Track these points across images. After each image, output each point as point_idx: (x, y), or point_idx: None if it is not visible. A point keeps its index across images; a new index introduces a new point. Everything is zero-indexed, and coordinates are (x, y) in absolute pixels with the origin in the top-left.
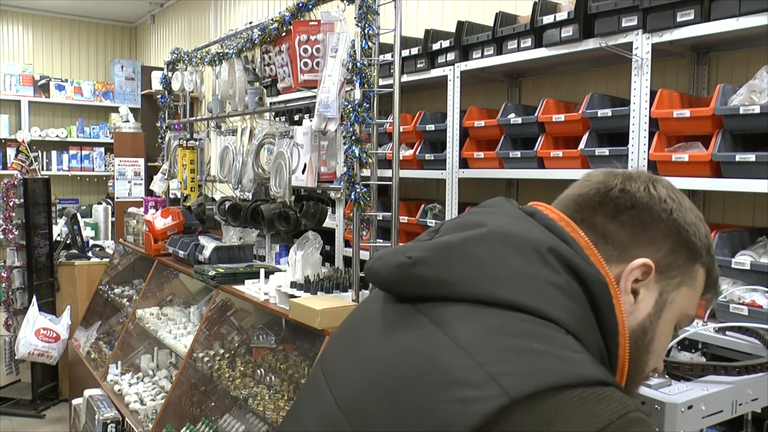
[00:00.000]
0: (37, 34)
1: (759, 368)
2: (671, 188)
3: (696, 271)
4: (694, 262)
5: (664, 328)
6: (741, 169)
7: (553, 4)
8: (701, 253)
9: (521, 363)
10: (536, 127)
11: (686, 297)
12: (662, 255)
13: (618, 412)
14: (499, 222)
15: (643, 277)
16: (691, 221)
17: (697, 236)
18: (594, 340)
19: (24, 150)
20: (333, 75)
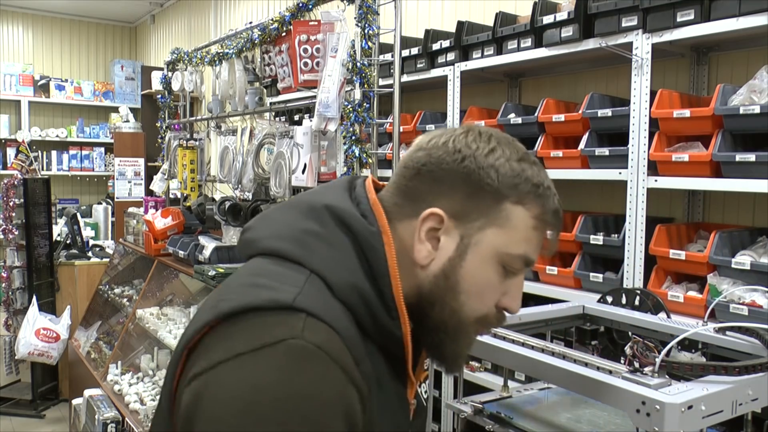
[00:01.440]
0: (37, 34)
1: (759, 368)
2: (479, 136)
3: (504, 210)
4: (497, 202)
5: (475, 270)
6: (741, 169)
7: (553, 4)
8: (503, 192)
9: (241, 293)
10: (536, 127)
11: (498, 237)
12: (457, 202)
13: (280, 336)
14: (310, 191)
15: (438, 225)
16: (487, 165)
17: (493, 177)
18: (347, 278)
19: (24, 150)
20: (333, 75)
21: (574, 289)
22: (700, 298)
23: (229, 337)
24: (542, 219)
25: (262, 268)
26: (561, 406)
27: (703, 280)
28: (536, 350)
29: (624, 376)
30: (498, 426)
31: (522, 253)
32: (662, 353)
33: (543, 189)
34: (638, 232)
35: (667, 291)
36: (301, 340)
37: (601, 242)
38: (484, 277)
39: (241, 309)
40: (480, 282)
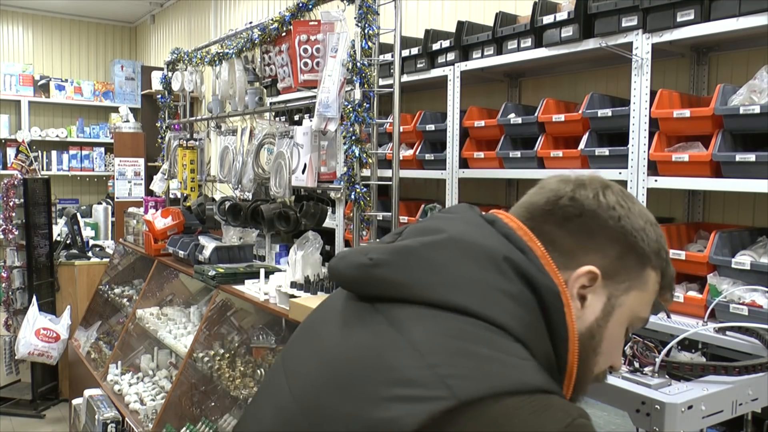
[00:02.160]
0: (37, 34)
1: (759, 368)
2: (622, 194)
3: (646, 275)
4: (643, 266)
5: (614, 331)
6: (741, 169)
7: (553, 4)
8: (650, 257)
9: (470, 367)
10: (536, 127)
11: (637, 300)
12: (609, 261)
13: (564, 421)
14: (458, 229)
15: (590, 283)
16: (639, 227)
17: (645, 242)
18: (542, 347)
19: (24, 150)
20: (333, 75)
21: None
22: (700, 298)
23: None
24: (663, 285)
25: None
26: None
27: (703, 280)
28: None
29: (624, 376)
30: None
31: (645, 317)
32: (662, 353)
33: (667, 255)
34: None
35: None
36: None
37: None
38: (619, 338)
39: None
40: (615, 343)
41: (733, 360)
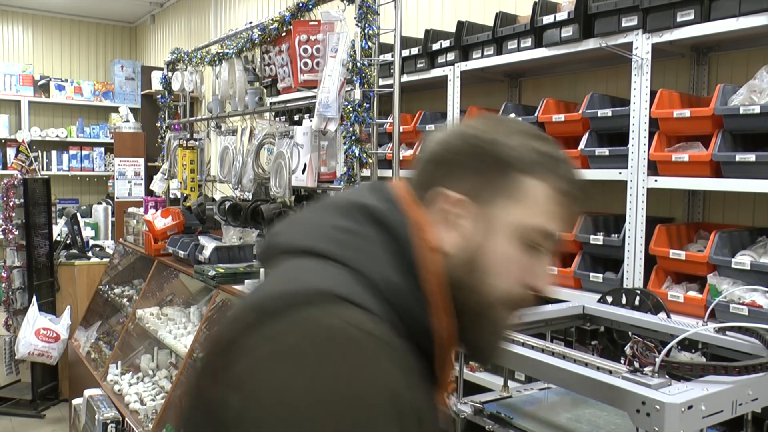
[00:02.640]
0: (37, 34)
1: (759, 368)
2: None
3: (519, 184)
4: (508, 174)
5: (501, 249)
6: (741, 169)
7: (553, 4)
8: (515, 163)
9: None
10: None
11: (517, 212)
12: (474, 182)
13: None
14: (345, 193)
15: (457, 208)
16: (498, 139)
17: (508, 149)
18: (381, 272)
19: (24, 150)
20: (333, 75)
21: (574, 289)
22: (700, 298)
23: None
24: (561, 191)
25: (295, 266)
26: (561, 406)
27: (703, 280)
28: (536, 350)
29: (624, 376)
30: (498, 426)
31: (542, 226)
32: (662, 353)
33: (555, 160)
34: (638, 232)
35: (667, 291)
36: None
37: (601, 242)
38: (507, 254)
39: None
40: (503, 260)
41: (733, 360)
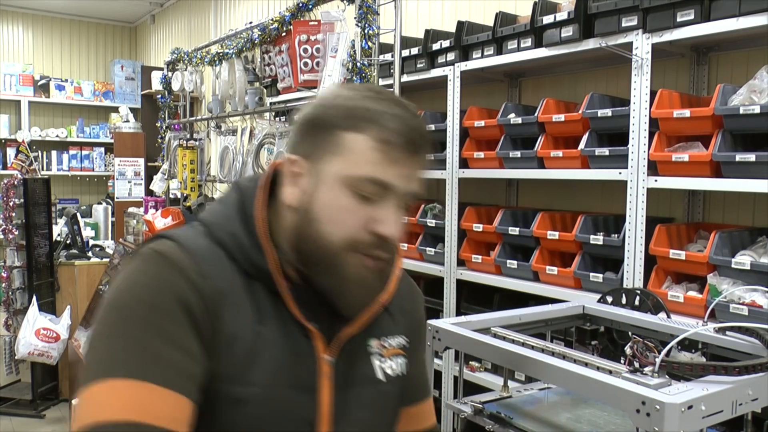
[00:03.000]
0: (37, 34)
1: (759, 368)
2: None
3: (339, 138)
4: (332, 132)
5: (325, 199)
6: (741, 169)
7: (553, 4)
8: (335, 123)
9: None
10: (536, 127)
11: (341, 164)
12: (306, 144)
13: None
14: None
15: (294, 167)
16: (323, 104)
17: (331, 110)
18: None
19: (24, 150)
20: (333, 75)
21: (574, 289)
22: (700, 298)
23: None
24: (383, 140)
25: None
26: (561, 406)
27: (703, 280)
28: (536, 350)
29: (624, 376)
30: (498, 426)
31: (367, 175)
32: (662, 353)
33: (378, 113)
34: (638, 232)
35: (667, 291)
36: (151, 250)
37: (601, 242)
38: (336, 203)
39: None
40: (333, 208)
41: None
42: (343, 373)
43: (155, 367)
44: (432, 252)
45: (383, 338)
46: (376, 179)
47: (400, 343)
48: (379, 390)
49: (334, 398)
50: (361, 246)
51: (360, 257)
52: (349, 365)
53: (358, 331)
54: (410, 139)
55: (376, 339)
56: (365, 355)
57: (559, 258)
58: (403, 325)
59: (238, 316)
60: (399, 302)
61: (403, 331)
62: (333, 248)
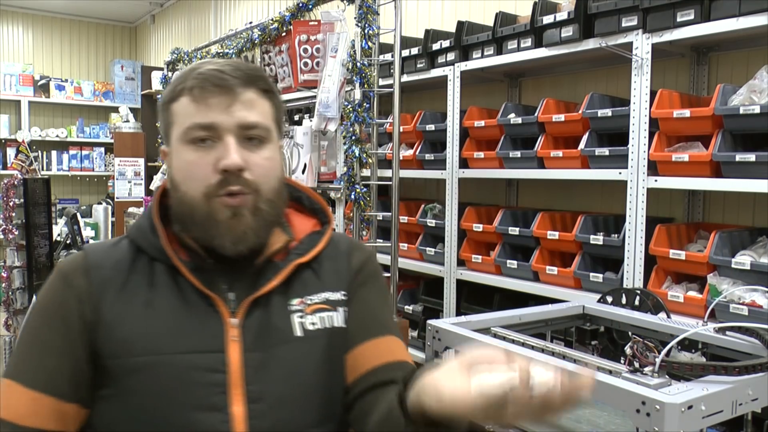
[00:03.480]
0: (37, 34)
1: (759, 368)
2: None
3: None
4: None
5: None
6: (741, 169)
7: (553, 4)
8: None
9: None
10: (536, 127)
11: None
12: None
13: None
14: None
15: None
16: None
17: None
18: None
19: (24, 150)
20: (333, 75)
21: (574, 289)
22: (700, 298)
23: None
24: (193, 92)
25: None
26: None
27: (703, 280)
28: (536, 350)
29: (624, 376)
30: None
31: (191, 123)
32: (662, 353)
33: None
34: (638, 232)
35: (667, 291)
36: (56, 266)
37: (601, 242)
38: (183, 160)
39: None
40: (183, 167)
41: (733, 360)
42: (255, 334)
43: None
44: (432, 252)
45: (306, 297)
46: (198, 123)
47: (328, 297)
48: (297, 346)
49: (243, 359)
50: (216, 189)
51: (220, 200)
52: (263, 326)
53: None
54: (216, 78)
55: (298, 298)
56: (285, 314)
57: (559, 258)
58: (335, 278)
59: (124, 296)
60: (332, 263)
61: (336, 283)
62: (196, 202)
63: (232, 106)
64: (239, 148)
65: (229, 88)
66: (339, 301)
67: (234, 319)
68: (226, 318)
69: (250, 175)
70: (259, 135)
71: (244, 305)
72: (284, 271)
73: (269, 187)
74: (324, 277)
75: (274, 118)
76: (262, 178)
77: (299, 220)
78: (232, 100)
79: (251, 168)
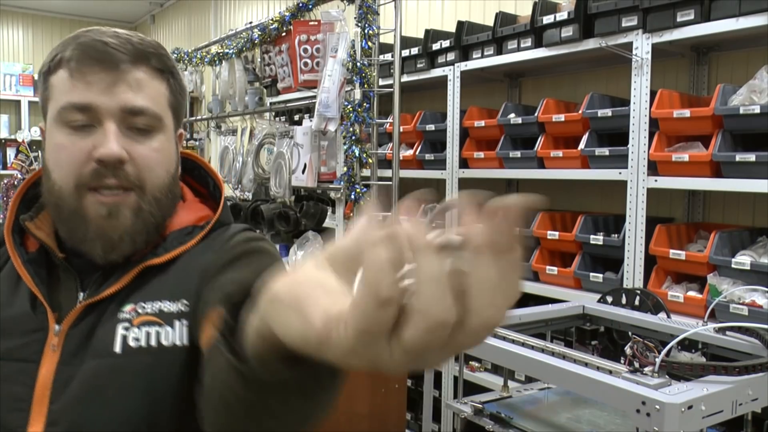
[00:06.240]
0: (37, 34)
1: (759, 368)
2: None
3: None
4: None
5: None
6: (741, 169)
7: (553, 4)
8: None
9: None
10: (536, 127)
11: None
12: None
13: None
14: None
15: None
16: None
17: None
18: None
19: (24, 150)
20: (333, 75)
21: (574, 289)
22: (700, 298)
23: None
24: (71, 66)
25: None
26: (561, 406)
27: (703, 280)
28: (536, 350)
29: (624, 376)
30: (498, 426)
31: (66, 102)
32: (662, 353)
33: (66, 45)
34: (638, 232)
35: (667, 291)
36: None
37: (601, 242)
38: (55, 144)
39: None
40: (55, 152)
41: (733, 360)
42: (77, 344)
43: None
44: None
45: (141, 303)
46: (74, 103)
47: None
48: (108, 363)
49: (55, 372)
50: (89, 180)
51: (94, 195)
52: (87, 335)
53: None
54: (97, 51)
55: (132, 304)
56: (112, 324)
57: (559, 258)
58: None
59: None
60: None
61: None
62: (64, 193)
63: (116, 86)
64: (120, 136)
65: (114, 63)
66: (176, 314)
67: (58, 326)
68: (51, 324)
69: (133, 168)
70: (147, 123)
71: (76, 311)
72: (128, 275)
73: (156, 184)
74: (173, 281)
75: (170, 103)
76: (147, 173)
77: (187, 210)
78: (115, 79)
79: (134, 159)
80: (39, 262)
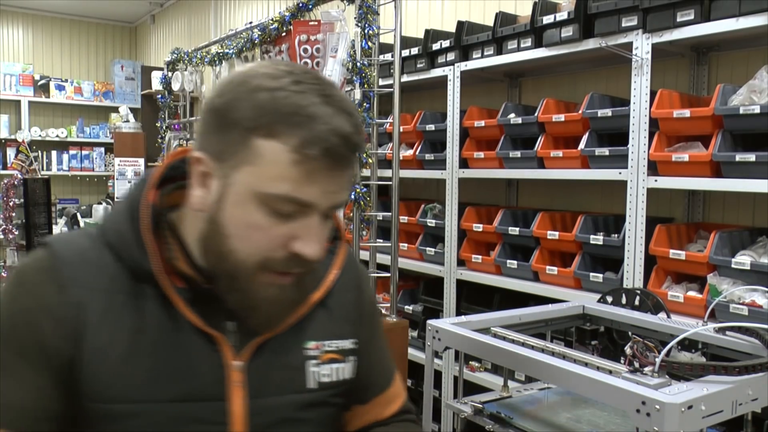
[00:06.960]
0: (37, 34)
1: (759, 368)
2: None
3: (256, 146)
4: (244, 137)
5: (235, 212)
6: (741, 169)
7: (553, 4)
8: (245, 125)
9: None
10: (536, 127)
11: (253, 176)
12: (214, 141)
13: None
14: None
15: (200, 166)
16: (229, 99)
17: (237, 110)
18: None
19: (24, 150)
20: (333, 75)
21: (574, 289)
22: (700, 298)
23: None
24: (302, 152)
25: None
26: (561, 406)
27: (703, 280)
28: (536, 350)
29: (624, 376)
30: (498, 426)
31: (284, 193)
32: (662, 353)
33: (303, 117)
34: (638, 232)
35: (667, 291)
36: (18, 269)
37: (601, 242)
38: (247, 219)
39: None
40: (244, 226)
41: (733, 360)
42: (262, 379)
43: None
44: (432, 252)
45: (321, 341)
46: (294, 198)
47: (340, 346)
48: (306, 399)
49: (248, 407)
50: (277, 266)
51: (273, 276)
52: (271, 370)
53: (281, 333)
54: (337, 150)
55: (314, 341)
56: (299, 358)
57: (559, 258)
58: (345, 320)
59: (106, 327)
60: (341, 297)
61: (347, 327)
62: (243, 268)
63: (339, 188)
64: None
65: (346, 163)
66: (350, 350)
67: (237, 362)
68: (229, 360)
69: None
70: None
71: (251, 345)
72: (299, 312)
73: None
74: (336, 318)
75: None
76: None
77: None
78: (342, 180)
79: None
80: (195, 299)
